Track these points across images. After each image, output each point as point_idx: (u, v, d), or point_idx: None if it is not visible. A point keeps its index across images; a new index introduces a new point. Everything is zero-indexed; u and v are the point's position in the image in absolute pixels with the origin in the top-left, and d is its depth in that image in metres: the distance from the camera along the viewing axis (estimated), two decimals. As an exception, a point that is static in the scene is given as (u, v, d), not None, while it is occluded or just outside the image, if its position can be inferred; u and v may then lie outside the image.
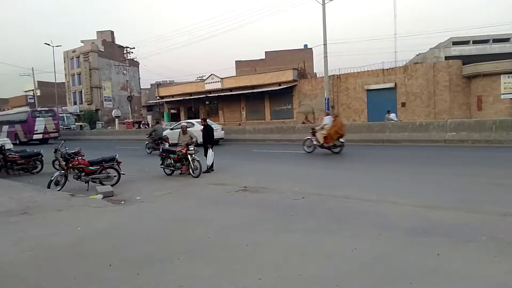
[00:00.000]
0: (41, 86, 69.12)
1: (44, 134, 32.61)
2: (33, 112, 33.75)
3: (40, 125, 33.02)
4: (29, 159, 14.00)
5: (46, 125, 33.35)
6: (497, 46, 34.33)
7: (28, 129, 32.31)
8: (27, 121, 32.80)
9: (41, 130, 32.85)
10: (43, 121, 33.31)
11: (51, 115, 34.47)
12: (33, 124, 32.63)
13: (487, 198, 7.17)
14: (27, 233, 5.89)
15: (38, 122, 32.99)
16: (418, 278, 3.78)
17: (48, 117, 33.96)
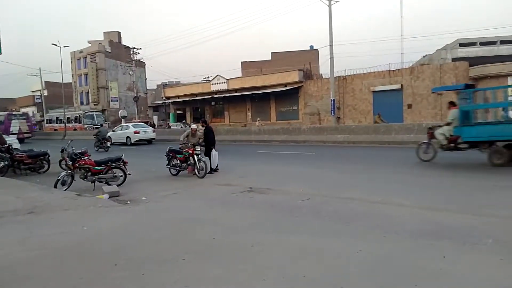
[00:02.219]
0: (48, 86, 69.51)
1: (18, 135, 35.18)
2: (9, 115, 39.57)
3: (15, 127, 38.03)
4: (36, 159, 14.08)
5: (20, 127, 38.46)
6: (504, 48, 34.13)
7: (5, 130, 34.87)
8: (4, 123, 37.57)
9: (16, 131, 36.73)
10: (18, 123, 38.67)
11: (25, 118, 40.31)
12: (9, 126, 37.51)
13: (493, 201, 7.13)
14: (33, 232, 5.93)
15: (14, 124, 38.36)
16: (424, 281, 3.76)
17: (22, 120, 39.65)
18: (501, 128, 10.72)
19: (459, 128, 11.27)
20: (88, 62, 62.21)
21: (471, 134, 11.09)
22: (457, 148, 11.68)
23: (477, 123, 11.38)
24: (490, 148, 11.11)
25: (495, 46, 34.59)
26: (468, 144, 11.43)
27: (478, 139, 11.08)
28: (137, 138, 26.18)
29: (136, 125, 28.22)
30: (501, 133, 10.64)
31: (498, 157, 10.87)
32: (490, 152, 11.05)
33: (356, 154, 15.77)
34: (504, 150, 10.88)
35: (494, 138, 10.89)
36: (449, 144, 11.68)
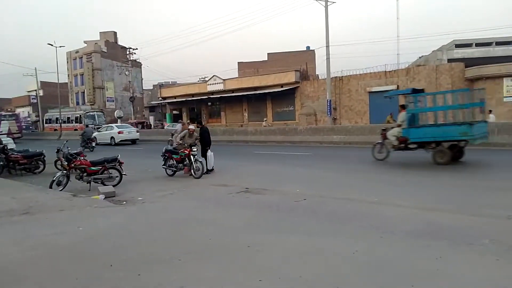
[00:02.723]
0: (44, 86, 69.20)
1: (8, 135, 35.13)
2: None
3: (5, 127, 39.00)
4: (31, 159, 14.02)
5: (10, 127, 39.54)
6: (500, 49, 34.23)
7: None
8: None
9: (5, 131, 37.32)
10: (7, 124, 39.72)
11: (14, 118, 41.60)
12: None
13: (489, 201, 7.15)
14: (29, 233, 5.90)
15: (3, 124, 39.27)
16: (420, 281, 3.76)
17: (12, 120, 40.87)
18: (443, 129, 11.71)
19: (407, 130, 12.29)
20: (84, 62, 62.01)
21: (417, 135, 12.13)
22: (407, 148, 12.56)
23: (422, 125, 12.44)
24: (435, 148, 11.96)
25: (491, 47, 34.68)
26: (416, 144, 12.35)
27: (423, 140, 12.05)
28: (121, 138, 27.24)
29: (120, 126, 29.67)
30: (443, 134, 11.64)
31: (441, 156, 11.77)
32: (434, 152, 11.96)
33: (353, 154, 15.79)
34: (446, 150, 11.72)
35: (437, 139, 11.80)
36: (400, 144, 12.55)
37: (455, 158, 11.98)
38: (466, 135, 11.20)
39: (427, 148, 12.26)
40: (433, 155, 11.95)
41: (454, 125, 11.69)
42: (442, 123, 12.30)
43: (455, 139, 11.63)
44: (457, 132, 11.35)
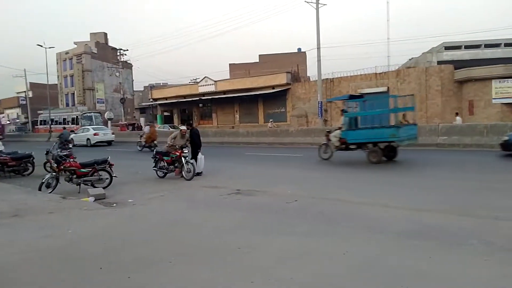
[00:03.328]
0: (33, 87, 68.60)
1: None
2: None
3: None
4: (20, 161, 13.87)
5: None
6: (489, 51, 34.67)
7: None
8: None
9: None
10: None
11: None
12: None
13: (478, 201, 7.23)
14: (17, 235, 5.84)
15: None
16: (410, 281, 3.79)
17: None
18: (375, 132, 13.07)
19: (345, 132, 13.57)
20: (74, 63, 61.57)
21: (354, 137, 13.48)
22: (348, 148, 13.80)
23: (358, 128, 13.86)
24: (370, 148, 13.21)
25: (480, 50, 35.08)
26: (355, 145, 13.62)
27: (359, 141, 13.42)
28: (96, 140, 28.05)
29: (95, 128, 30.40)
30: (375, 136, 12.99)
31: (373, 156, 12.98)
32: (368, 152, 13.23)
33: (343, 155, 15.84)
34: (379, 150, 12.95)
35: (370, 140, 13.15)
36: (341, 145, 13.76)
37: (389, 157, 13.32)
38: (394, 137, 12.43)
39: (363, 148, 13.50)
40: (367, 155, 13.20)
41: (384, 128, 13.01)
42: (375, 126, 13.59)
43: (385, 140, 12.84)
44: (387, 134, 12.61)
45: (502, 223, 5.74)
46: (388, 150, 13.27)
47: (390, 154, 13.34)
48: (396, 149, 13.32)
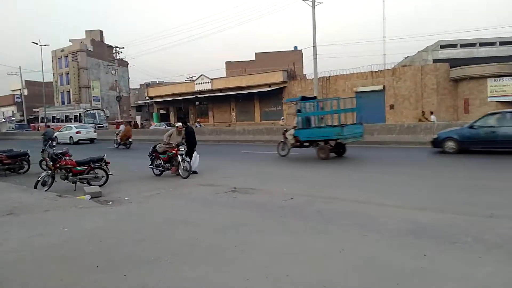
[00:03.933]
0: (29, 85, 68.38)
1: None
2: None
3: None
4: (15, 159, 13.81)
5: None
6: (483, 50, 34.81)
7: None
8: None
9: None
10: None
11: None
12: None
13: (473, 199, 7.26)
14: (13, 234, 5.82)
15: None
16: (405, 279, 3.81)
17: None
18: (323, 130, 14.43)
19: (297, 131, 14.78)
20: (70, 61, 61.36)
21: (305, 135, 14.66)
22: (303, 146, 14.96)
23: (308, 127, 15.02)
24: (319, 145, 14.43)
25: (475, 48, 35.22)
26: (308, 142, 14.78)
27: (310, 139, 14.64)
28: (78, 138, 29.15)
29: (78, 126, 31.74)
30: (323, 134, 14.31)
31: (322, 152, 14.19)
32: (317, 149, 14.43)
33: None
34: (326, 147, 14.23)
35: (319, 138, 14.43)
36: (296, 143, 14.88)
37: (338, 154, 14.71)
38: (339, 135, 13.69)
39: (314, 145, 14.71)
40: (316, 151, 14.42)
41: (330, 127, 14.35)
42: (323, 126, 15.03)
43: (331, 138, 14.13)
44: (332, 133, 13.88)
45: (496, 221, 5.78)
46: (337, 147, 14.57)
47: (339, 151, 14.68)
48: (344, 146, 14.64)
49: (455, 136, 13.99)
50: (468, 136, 13.63)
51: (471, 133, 13.60)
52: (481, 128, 13.39)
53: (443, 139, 14.26)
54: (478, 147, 13.62)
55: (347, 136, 13.90)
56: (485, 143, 13.38)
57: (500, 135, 12.88)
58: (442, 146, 14.21)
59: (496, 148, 13.38)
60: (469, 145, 13.68)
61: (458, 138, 13.82)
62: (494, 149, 13.41)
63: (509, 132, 12.74)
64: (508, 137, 12.72)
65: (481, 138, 13.32)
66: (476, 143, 13.59)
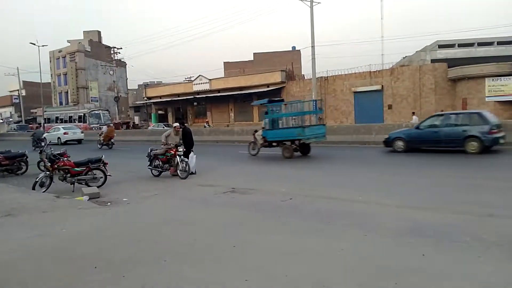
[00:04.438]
0: (26, 86, 68.24)
1: None
2: None
3: None
4: (13, 160, 13.77)
5: None
6: (482, 50, 34.85)
7: None
8: None
9: None
10: None
11: None
12: None
13: (471, 199, 7.27)
14: (11, 234, 5.81)
15: None
16: (404, 278, 3.81)
17: None
18: (287, 131, 15.24)
19: (265, 132, 15.68)
20: (68, 62, 61.24)
21: (271, 136, 15.52)
22: (271, 145, 15.77)
23: (274, 128, 15.73)
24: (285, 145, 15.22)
25: (473, 48, 35.25)
26: (275, 142, 15.56)
27: (276, 139, 15.46)
28: (66, 139, 30.27)
29: (65, 127, 33.01)
30: (287, 135, 15.16)
31: (286, 152, 15.10)
32: (282, 148, 15.31)
33: (337, 153, 15.90)
34: (290, 147, 15.08)
35: (283, 138, 15.25)
36: (264, 142, 15.73)
37: (303, 153, 15.53)
38: (300, 136, 14.55)
39: (281, 145, 15.41)
40: (282, 151, 15.30)
41: (293, 128, 15.19)
42: (287, 127, 15.69)
43: (294, 138, 14.91)
44: (295, 133, 14.73)
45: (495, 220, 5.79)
46: (302, 147, 15.41)
47: (304, 150, 15.56)
48: (309, 145, 15.58)
49: (403, 136, 15.20)
50: (415, 136, 14.81)
51: (417, 133, 14.82)
52: (426, 128, 14.64)
53: (393, 139, 15.42)
54: (424, 146, 14.75)
55: (309, 137, 14.81)
56: (430, 142, 14.53)
57: (443, 135, 14.02)
58: (392, 145, 15.34)
59: (439, 147, 14.36)
60: (416, 144, 14.82)
61: (406, 138, 15.02)
62: (438, 148, 14.40)
63: (450, 132, 13.85)
64: (449, 137, 13.85)
65: (426, 138, 14.52)
66: (422, 142, 14.75)
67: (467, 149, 13.40)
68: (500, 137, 13.52)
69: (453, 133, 13.77)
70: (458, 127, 13.81)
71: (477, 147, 13.23)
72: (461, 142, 13.57)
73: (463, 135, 13.50)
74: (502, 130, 13.92)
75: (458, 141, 13.65)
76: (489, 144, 13.32)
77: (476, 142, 13.27)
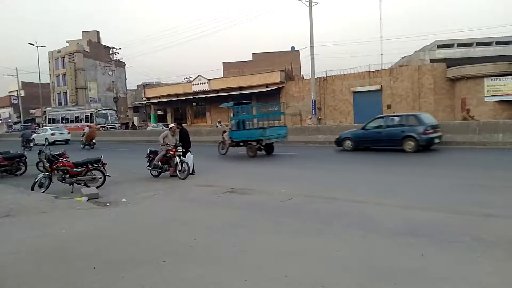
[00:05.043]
0: (25, 86, 68.17)
1: None
2: None
3: None
4: (12, 161, 13.75)
5: None
6: (480, 49, 34.88)
7: None
8: None
9: None
10: None
11: None
12: None
13: (470, 199, 7.27)
14: (10, 235, 5.80)
15: None
16: (403, 279, 3.81)
17: None
18: (250, 132, 16.39)
19: (231, 132, 16.67)
20: (66, 62, 61.17)
21: (237, 136, 16.51)
22: (239, 145, 16.69)
23: (238, 129, 16.73)
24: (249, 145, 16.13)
25: (472, 48, 35.27)
26: (242, 142, 16.47)
27: (241, 139, 16.44)
28: (53, 139, 31.50)
29: (53, 128, 35.01)
30: (250, 135, 16.18)
31: (250, 151, 16.06)
32: (247, 148, 16.21)
33: (337, 154, 15.89)
34: (253, 147, 15.98)
35: (247, 139, 16.19)
36: (232, 143, 16.69)
37: (268, 152, 16.60)
38: (262, 136, 15.52)
39: (246, 145, 16.27)
40: (246, 151, 16.19)
41: (255, 129, 16.44)
42: (250, 128, 17.00)
43: (256, 138, 15.83)
44: (257, 134, 15.76)
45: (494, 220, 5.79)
46: (266, 147, 16.40)
47: (268, 150, 16.62)
48: (272, 145, 16.68)
49: (351, 136, 16.52)
50: (361, 136, 16.08)
51: (363, 133, 16.07)
52: (371, 129, 15.90)
53: (342, 139, 16.74)
54: (369, 145, 16.08)
55: (270, 137, 15.84)
56: (374, 142, 15.91)
57: (384, 135, 15.37)
58: (342, 145, 16.66)
59: (381, 146, 15.74)
60: (362, 144, 16.13)
61: (354, 138, 16.33)
62: (380, 147, 15.77)
63: (391, 133, 15.13)
64: (390, 137, 15.16)
65: (371, 138, 15.82)
66: (367, 142, 16.07)
67: (404, 148, 14.59)
68: (435, 137, 14.68)
69: (393, 133, 15.03)
70: (397, 128, 15.09)
71: (413, 146, 14.41)
72: (399, 141, 14.78)
73: (401, 135, 14.72)
74: (439, 131, 15.15)
75: (397, 140, 14.87)
76: (424, 144, 14.46)
77: (412, 142, 14.45)
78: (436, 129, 15.01)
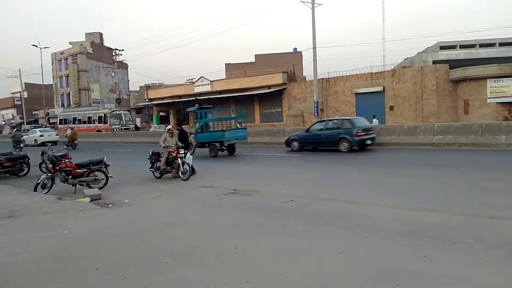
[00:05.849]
0: (28, 87, 68.33)
1: None
2: None
3: None
4: (15, 162, 13.81)
5: None
6: (483, 51, 34.73)
7: None
8: None
9: None
10: None
11: None
12: None
13: (472, 200, 7.25)
14: (13, 236, 5.81)
15: None
16: (405, 280, 3.81)
17: None
18: (211, 134, 17.84)
19: (195, 134, 17.90)
20: (69, 64, 61.33)
21: (200, 138, 17.87)
22: (204, 146, 17.93)
23: (201, 131, 17.94)
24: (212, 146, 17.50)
25: (475, 49, 35.12)
26: (206, 143, 17.79)
27: (204, 141, 17.84)
28: (42, 140, 33.05)
29: (41, 130, 37.18)
30: (212, 137, 17.64)
31: (212, 151, 17.44)
32: (209, 149, 17.61)
33: (338, 155, 15.88)
34: (215, 147, 17.38)
35: (209, 140, 17.64)
36: (198, 143, 17.95)
37: (230, 152, 17.98)
38: (222, 138, 17.07)
39: (209, 146, 17.59)
40: (209, 151, 17.54)
41: (216, 131, 17.92)
42: (211, 130, 18.26)
43: (217, 140, 17.27)
44: (217, 136, 17.32)
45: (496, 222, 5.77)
46: (229, 147, 17.83)
47: (231, 150, 18.01)
48: (234, 146, 18.13)
49: (297, 137, 18.32)
50: (305, 138, 17.97)
51: (307, 135, 17.99)
52: (314, 132, 17.72)
53: (290, 140, 18.47)
54: (312, 146, 17.82)
55: (230, 138, 17.31)
56: (315, 143, 17.78)
57: (324, 137, 17.21)
58: (290, 145, 18.37)
59: (322, 147, 17.43)
60: (306, 144, 17.92)
61: (299, 139, 18.15)
62: (321, 147, 17.47)
63: (329, 135, 16.97)
64: (328, 138, 17.01)
65: (313, 139, 17.69)
66: (310, 143, 17.90)
67: (340, 148, 16.44)
68: (367, 139, 16.55)
69: (331, 135, 16.88)
70: (334, 130, 16.89)
71: (347, 146, 16.27)
72: (336, 142, 16.61)
73: (337, 137, 16.57)
74: (372, 133, 17.02)
75: (334, 142, 16.73)
76: (355, 145, 16.36)
77: (346, 143, 16.29)
78: (369, 132, 16.83)
